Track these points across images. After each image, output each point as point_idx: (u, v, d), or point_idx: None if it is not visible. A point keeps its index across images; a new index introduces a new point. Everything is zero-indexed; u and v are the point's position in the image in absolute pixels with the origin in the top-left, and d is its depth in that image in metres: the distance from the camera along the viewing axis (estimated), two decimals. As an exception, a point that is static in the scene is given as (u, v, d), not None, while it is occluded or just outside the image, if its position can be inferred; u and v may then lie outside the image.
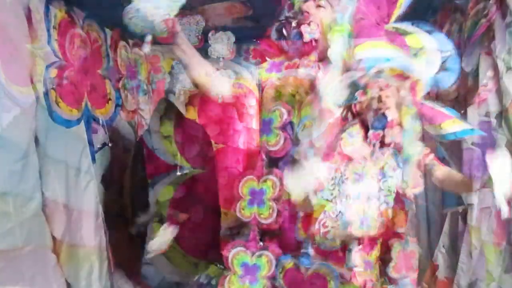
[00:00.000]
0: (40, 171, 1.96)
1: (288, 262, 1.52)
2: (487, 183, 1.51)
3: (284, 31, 1.63)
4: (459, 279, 2.09)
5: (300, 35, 1.52)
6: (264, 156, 1.59)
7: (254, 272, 1.52)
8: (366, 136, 1.52)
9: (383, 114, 1.48)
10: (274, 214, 1.50)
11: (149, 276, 3.10)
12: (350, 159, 1.51)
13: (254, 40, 3.34)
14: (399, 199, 1.62)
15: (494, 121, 1.92)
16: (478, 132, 1.78)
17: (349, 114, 1.54)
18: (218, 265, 2.93)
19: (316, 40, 1.51)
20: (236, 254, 1.55)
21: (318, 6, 1.52)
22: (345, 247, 1.51)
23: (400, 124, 1.49)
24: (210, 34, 2.86)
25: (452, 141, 2.30)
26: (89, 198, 2.38)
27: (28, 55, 1.96)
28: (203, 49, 2.86)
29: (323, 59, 1.47)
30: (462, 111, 2.14)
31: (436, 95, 2.67)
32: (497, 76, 1.85)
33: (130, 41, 3.10)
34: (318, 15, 1.50)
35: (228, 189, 3.21)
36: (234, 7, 2.61)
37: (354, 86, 1.24)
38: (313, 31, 1.50)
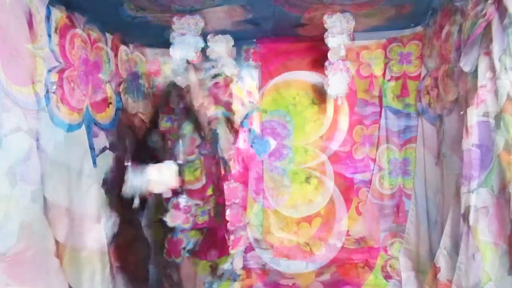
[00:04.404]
0: (42, 175, 1.96)
1: None
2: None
3: None
4: (458, 280, 2.08)
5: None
6: None
7: None
8: None
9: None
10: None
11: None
12: None
13: (254, 41, 3.35)
14: None
15: (492, 122, 1.91)
16: None
17: None
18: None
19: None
20: None
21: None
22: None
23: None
24: (209, 37, 2.86)
25: (453, 142, 2.33)
26: (90, 201, 2.39)
27: (28, 56, 1.95)
28: (202, 50, 2.87)
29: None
30: (462, 112, 2.14)
31: (436, 95, 2.69)
32: (495, 77, 1.85)
33: (131, 45, 3.12)
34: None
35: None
36: (234, 10, 2.61)
37: None
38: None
